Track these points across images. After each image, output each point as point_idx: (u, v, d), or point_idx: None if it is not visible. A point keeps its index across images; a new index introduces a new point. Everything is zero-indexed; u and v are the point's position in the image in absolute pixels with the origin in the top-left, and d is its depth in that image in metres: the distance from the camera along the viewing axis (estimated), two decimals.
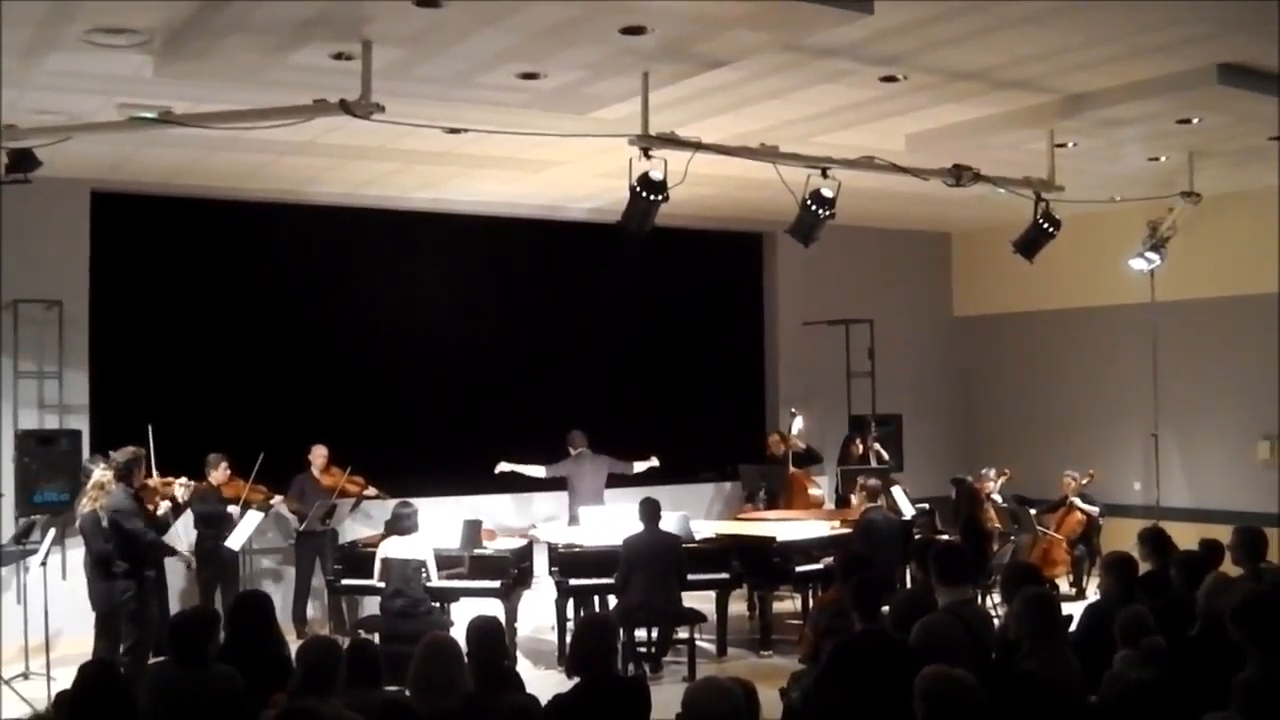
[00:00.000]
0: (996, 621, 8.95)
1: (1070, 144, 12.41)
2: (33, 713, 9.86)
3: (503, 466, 14.79)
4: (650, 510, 12.29)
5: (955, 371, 19.73)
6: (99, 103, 10.19)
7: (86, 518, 11.27)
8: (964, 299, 19.93)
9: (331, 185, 14.39)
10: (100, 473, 11.48)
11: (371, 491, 14.23)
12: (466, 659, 6.41)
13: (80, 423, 13.48)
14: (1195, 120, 11.75)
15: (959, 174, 11.66)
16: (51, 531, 11.70)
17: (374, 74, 8.84)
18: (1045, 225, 12.48)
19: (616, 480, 15.14)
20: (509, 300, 16.50)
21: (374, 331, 15.51)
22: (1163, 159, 13.31)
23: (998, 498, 15.73)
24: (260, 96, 9.52)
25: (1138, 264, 14.61)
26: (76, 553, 11.91)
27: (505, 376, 16.22)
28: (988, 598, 12.76)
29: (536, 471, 14.98)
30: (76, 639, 11.62)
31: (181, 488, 12.04)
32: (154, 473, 12.07)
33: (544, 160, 13.23)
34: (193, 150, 12.29)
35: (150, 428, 12.27)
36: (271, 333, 14.94)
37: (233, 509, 13.03)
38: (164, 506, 11.60)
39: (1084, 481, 16.29)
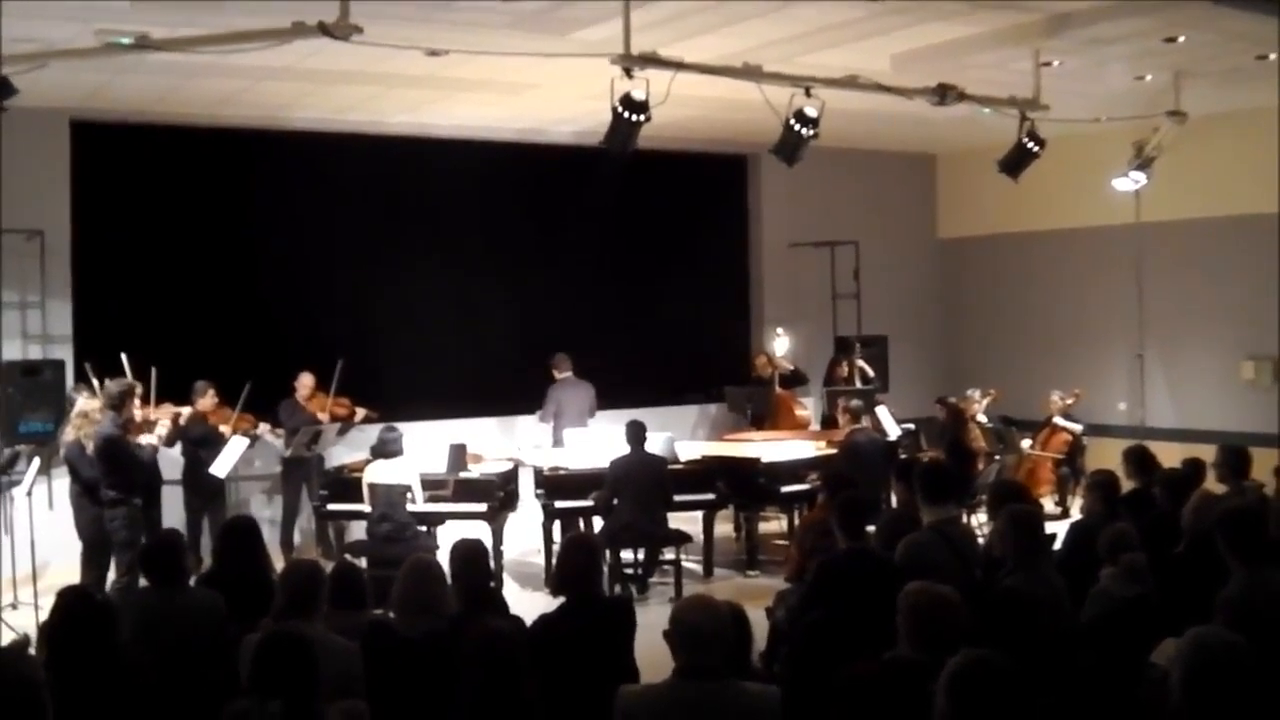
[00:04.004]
0: (981, 540, 8.98)
1: (1055, 63, 12.34)
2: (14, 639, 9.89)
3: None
4: (636, 432, 12.32)
5: (940, 293, 19.75)
6: (75, 29, 10.07)
7: (71, 446, 11.25)
8: (949, 221, 19.89)
9: (311, 110, 14.30)
10: (84, 401, 11.45)
11: (361, 414, 14.20)
12: (451, 581, 6.42)
13: (64, 353, 13.44)
14: (1181, 39, 11.69)
15: (944, 93, 11.59)
16: (36, 461, 11.64)
17: None
18: (1030, 144, 12.46)
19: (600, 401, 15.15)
20: (491, 224, 16.39)
21: (355, 256, 15.48)
22: (1148, 78, 13.24)
23: (983, 418, 15.78)
24: (238, 20, 9.42)
25: (1123, 184, 14.57)
26: (62, 483, 11.91)
27: (488, 301, 16.14)
28: (973, 517, 12.80)
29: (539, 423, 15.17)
30: (63, 569, 11.59)
31: (164, 426, 11.94)
32: (149, 402, 12.04)
33: (524, 83, 13.14)
34: (170, 77, 12.18)
35: (125, 356, 12.20)
36: (253, 259, 14.87)
37: (224, 428, 13.02)
38: (146, 439, 11.53)
39: (1069, 402, 16.36)
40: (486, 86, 13.29)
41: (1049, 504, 15.48)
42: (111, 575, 11.03)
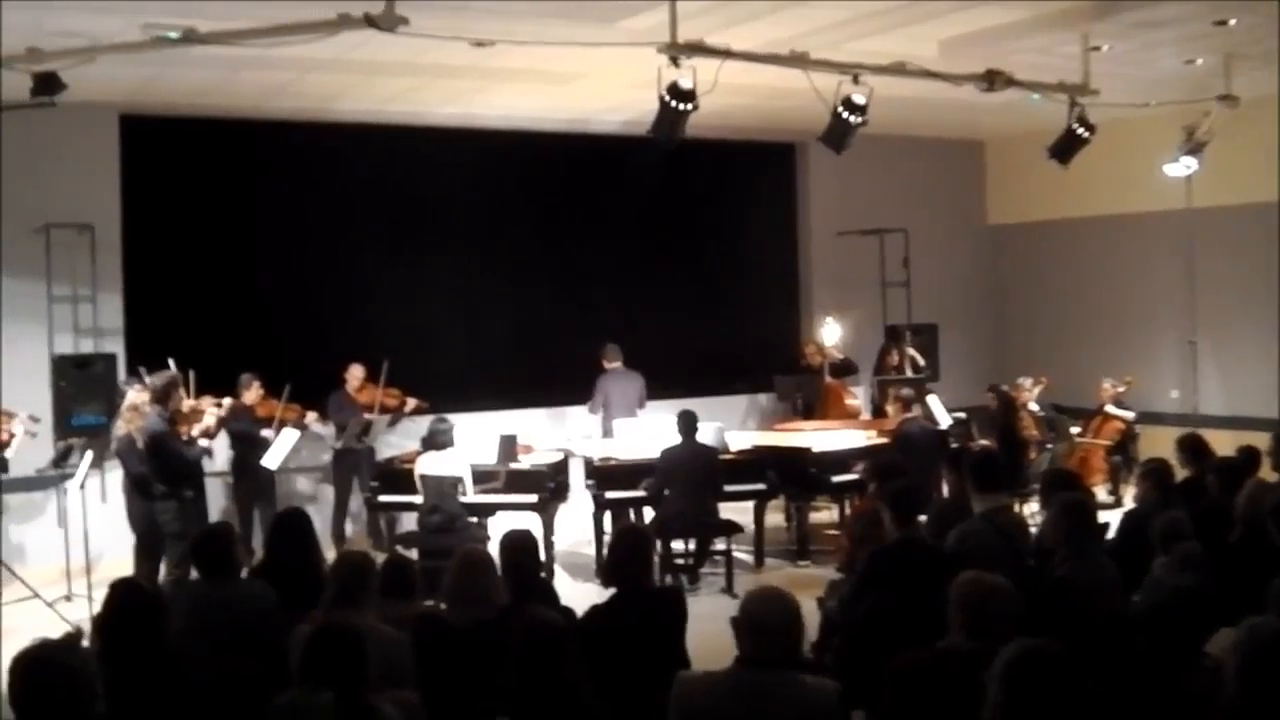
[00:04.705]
0: (1033, 529, 8.93)
1: (1104, 47, 12.22)
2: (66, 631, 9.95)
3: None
4: (688, 422, 12.29)
5: (990, 280, 19.63)
6: (123, 23, 10.10)
7: (122, 440, 11.34)
8: (998, 207, 19.77)
9: (357, 102, 14.29)
10: (134, 395, 11.53)
11: (411, 404, 14.23)
12: (501, 572, 6.43)
13: (115, 346, 13.56)
14: (1232, 22, 11.55)
15: (992, 79, 11.49)
16: (89, 454, 11.73)
17: None
18: (1079, 129, 12.34)
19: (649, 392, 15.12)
20: (539, 214, 16.43)
21: (404, 248, 15.48)
22: (1199, 62, 13.10)
23: (1035, 406, 15.67)
24: (284, 13, 9.43)
25: (1175, 169, 14.43)
26: (115, 475, 12.00)
27: (537, 291, 16.18)
28: (1024, 506, 12.73)
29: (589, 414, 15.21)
30: (117, 561, 11.71)
31: (212, 414, 12.00)
32: (190, 395, 12.11)
33: (571, 72, 13.11)
34: (217, 70, 12.21)
35: (171, 360, 12.25)
36: (301, 250, 14.96)
37: (267, 432, 13.06)
38: (200, 434, 11.58)
39: (1120, 389, 16.23)
40: (533, 76, 13.27)
41: (1102, 493, 15.36)
42: (164, 567, 11.11)
